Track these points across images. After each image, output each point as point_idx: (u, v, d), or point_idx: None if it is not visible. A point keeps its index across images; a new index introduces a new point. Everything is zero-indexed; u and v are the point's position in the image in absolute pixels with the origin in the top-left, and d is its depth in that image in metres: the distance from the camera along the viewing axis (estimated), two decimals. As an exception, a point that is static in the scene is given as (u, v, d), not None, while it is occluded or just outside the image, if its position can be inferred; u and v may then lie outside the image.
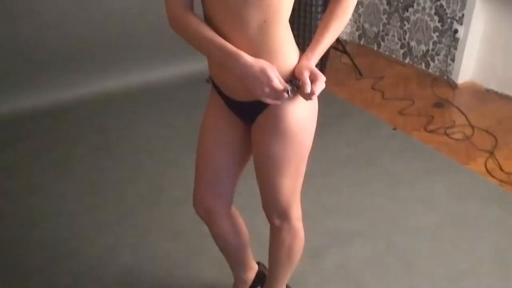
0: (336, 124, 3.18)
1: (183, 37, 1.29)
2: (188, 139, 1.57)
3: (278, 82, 1.18)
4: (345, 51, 4.06)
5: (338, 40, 4.08)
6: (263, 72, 1.18)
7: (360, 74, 3.95)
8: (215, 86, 1.44)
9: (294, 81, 1.23)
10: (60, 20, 3.25)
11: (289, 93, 1.20)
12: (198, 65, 3.16)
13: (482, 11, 3.58)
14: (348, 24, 4.60)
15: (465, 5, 3.60)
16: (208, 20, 1.26)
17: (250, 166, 1.50)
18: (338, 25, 1.27)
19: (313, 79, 1.20)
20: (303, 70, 1.22)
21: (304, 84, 1.18)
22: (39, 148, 2.90)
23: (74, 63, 3.39)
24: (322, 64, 3.50)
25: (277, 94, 1.19)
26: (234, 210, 1.65)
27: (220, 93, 1.42)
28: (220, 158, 1.50)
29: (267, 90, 1.19)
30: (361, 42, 4.59)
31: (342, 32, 4.61)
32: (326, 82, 1.22)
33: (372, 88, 3.75)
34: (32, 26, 3.17)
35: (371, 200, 2.51)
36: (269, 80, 1.17)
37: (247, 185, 1.70)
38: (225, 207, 1.59)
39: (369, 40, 4.51)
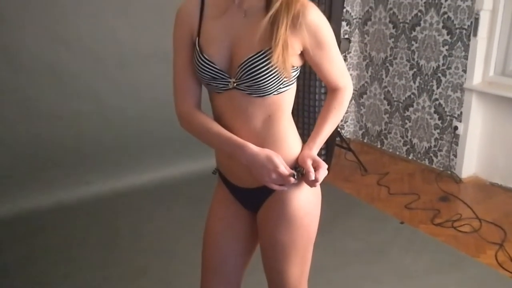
0: (343, 218, 3.21)
1: (193, 133, 1.39)
2: (197, 234, 1.62)
3: (284, 168, 1.26)
4: (349, 149, 4.19)
5: (342, 138, 4.23)
6: (269, 159, 1.26)
7: (365, 170, 4.03)
8: (221, 176, 1.51)
9: (298, 169, 1.31)
10: (75, 120, 3.43)
11: (295, 177, 1.27)
12: (205, 162, 3.27)
13: (479, 109, 3.75)
14: (351, 123, 4.79)
15: (462, 103, 3.77)
16: (217, 116, 1.37)
17: (258, 259, 1.53)
18: (336, 116, 1.39)
19: (316, 167, 1.28)
20: (306, 158, 1.30)
21: (308, 172, 1.26)
22: (49, 244, 2.92)
23: (86, 161, 3.51)
24: (327, 161, 3.61)
25: (283, 179, 1.27)
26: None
27: (227, 182, 1.48)
28: (226, 247, 1.52)
29: (274, 176, 1.26)
30: (365, 140, 4.74)
31: (346, 131, 4.78)
32: (332, 178, 1.32)
33: (378, 183, 3.81)
34: (48, 125, 3.34)
35: (381, 294, 2.47)
36: (275, 167, 1.25)
37: (254, 278, 1.70)
38: (231, 298, 1.59)
39: (372, 138, 4.66)
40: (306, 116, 3.55)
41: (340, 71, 1.38)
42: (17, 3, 3.07)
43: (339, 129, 4.30)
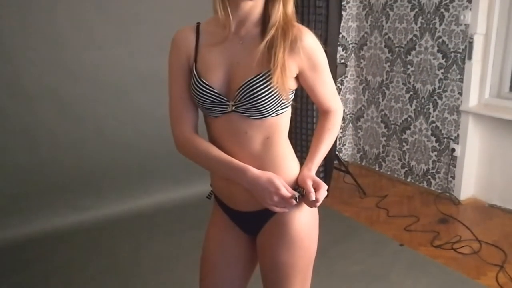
0: (343, 241, 3.20)
1: (191, 157, 1.40)
2: (195, 259, 1.62)
3: (286, 190, 1.28)
4: (348, 172, 4.21)
5: (340, 161, 4.25)
6: (271, 182, 1.28)
7: (364, 193, 4.04)
8: (218, 201, 1.51)
9: (298, 190, 1.33)
10: (75, 146, 3.45)
11: (297, 199, 1.29)
12: (204, 186, 3.26)
13: (476, 131, 3.78)
14: (349, 146, 4.81)
15: (459, 125, 3.81)
16: (214, 141, 1.39)
17: (258, 281, 1.53)
18: (330, 137, 1.42)
19: (316, 188, 1.30)
20: (306, 179, 1.32)
21: (309, 192, 1.28)
22: (48, 270, 2.91)
23: (86, 187, 3.52)
24: (325, 183, 3.61)
25: (285, 201, 1.28)
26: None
27: (224, 207, 1.49)
28: (224, 271, 1.52)
29: (276, 198, 1.28)
30: (363, 163, 4.76)
31: (344, 154, 4.80)
32: (331, 201, 1.35)
33: (377, 206, 3.82)
34: (49, 152, 3.36)
35: (382, 318, 2.45)
36: (277, 189, 1.27)
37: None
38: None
39: (371, 161, 4.68)
40: (304, 139, 3.57)
41: (332, 94, 1.43)
42: (20, 32, 3.12)
43: (337, 152, 4.32)
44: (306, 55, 1.30)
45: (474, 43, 3.59)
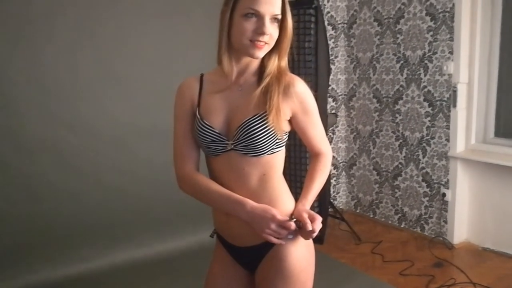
0: (340, 287, 3.23)
1: (193, 194, 1.51)
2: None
3: (281, 217, 1.38)
4: (343, 219, 4.27)
5: (335, 209, 4.32)
6: (267, 211, 1.38)
7: (359, 239, 4.09)
8: (219, 238, 1.60)
9: (295, 222, 1.42)
10: (74, 198, 3.49)
11: (293, 222, 1.37)
12: (202, 235, 3.33)
13: (465, 175, 3.89)
14: (343, 194, 4.90)
15: (448, 171, 3.92)
16: (215, 178, 1.50)
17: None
18: (322, 177, 1.54)
19: (311, 219, 1.39)
20: (302, 212, 1.42)
21: (305, 223, 1.37)
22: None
23: (86, 237, 3.54)
24: (321, 232, 3.66)
25: (283, 227, 1.37)
26: None
27: (225, 243, 1.58)
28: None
29: (273, 226, 1.37)
30: (358, 211, 4.83)
31: (339, 202, 4.87)
32: (327, 248, 1.44)
33: (372, 252, 3.86)
34: (48, 203, 3.40)
35: None
36: (273, 216, 1.37)
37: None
38: None
39: (365, 208, 4.75)
40: (299, 187, 3.66)
41: (321, 137, 1.56)
42: (21, 85, 3.23)
43: (332, 200, 4.39)
44: (299, 100, 1.44)
45: (458, 92, 3.76)
